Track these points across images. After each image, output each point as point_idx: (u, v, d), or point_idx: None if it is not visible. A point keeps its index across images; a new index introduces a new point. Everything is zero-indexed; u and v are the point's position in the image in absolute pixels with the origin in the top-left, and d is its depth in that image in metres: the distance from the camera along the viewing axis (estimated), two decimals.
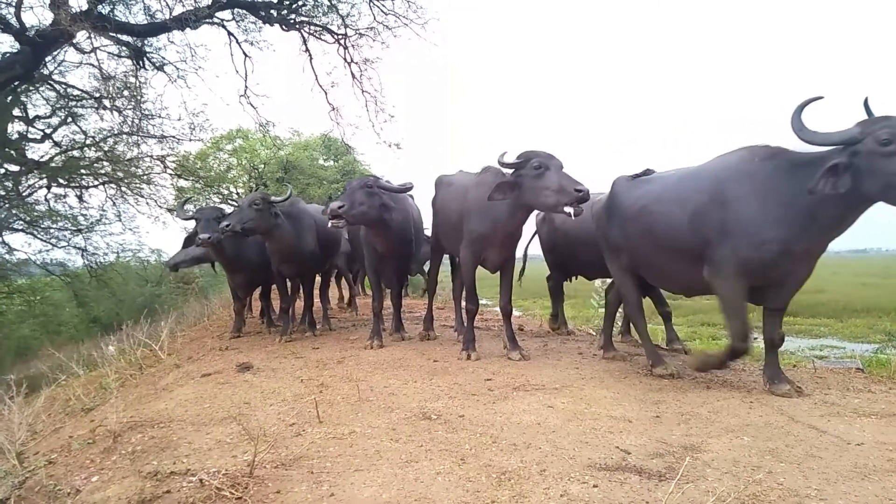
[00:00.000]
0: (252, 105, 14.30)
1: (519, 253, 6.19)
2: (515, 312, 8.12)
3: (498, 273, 5.98)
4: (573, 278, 7.83)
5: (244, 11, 13.05)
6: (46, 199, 14.14)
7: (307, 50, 13.71)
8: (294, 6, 13.22)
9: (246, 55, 13.64)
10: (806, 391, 4.39)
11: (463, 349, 5.81)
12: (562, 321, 7.80)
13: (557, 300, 7.80)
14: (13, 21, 10.79)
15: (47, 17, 10.88)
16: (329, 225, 5.94)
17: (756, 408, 3.96)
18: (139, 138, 13.96)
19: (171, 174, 15.39)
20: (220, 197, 21.91)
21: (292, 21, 13.24)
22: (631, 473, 2.83)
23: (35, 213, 13.85)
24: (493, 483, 2.73)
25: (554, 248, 7.45)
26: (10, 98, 12.45)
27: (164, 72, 13.30)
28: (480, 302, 8.26)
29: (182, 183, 16.54)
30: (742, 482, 2.67)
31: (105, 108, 13.21)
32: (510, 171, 5.17)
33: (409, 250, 6.87)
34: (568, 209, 4.71)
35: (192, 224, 7.30)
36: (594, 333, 7.89)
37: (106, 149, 14.13)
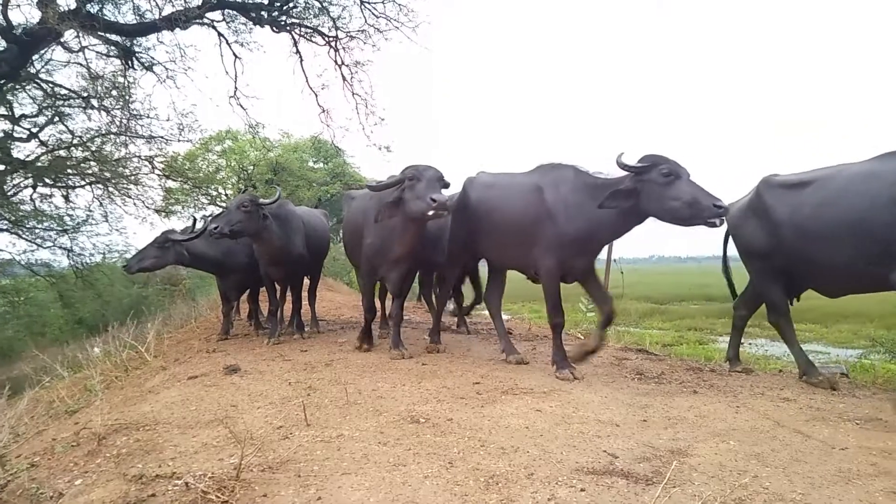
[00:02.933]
0: (242, 106, 14.22)
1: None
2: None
3: (560, 280, 5.51)
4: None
5: (234, 12, 12.98)
6: (32, 199, 13.96)
7: (298, 52, 13.66)
8: (285, 8, 13.16)
9: (236, 56, 13.57)
10: (791, 396, 4.43)
11: (560, 369, 5.16)
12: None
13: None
14: (0, 19, 10.67)
15: (35, 16, 10.78)
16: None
17: (742, 412, 4.00)
18: (127, 138, 13.82)
19: (159, 175, 15.25)
20: (209, 198, 21.77)
21: (283, 22, 13.19)
22: (618, 477, 2.84)
23: (20, 213, 13.67)
24: (480, 487, 2.73)
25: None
26: None
27: (153, 72, 13.19)
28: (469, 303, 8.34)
29: (170, 184, 16.41)
30: (728, 486, 2.69)
31: (93, 107, 13.08)
32: (628, 173, 4.72)
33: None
34: (707, 224, 4.37)
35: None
36: (582, 337, 7.92)
37: (93, 149, 13.96)
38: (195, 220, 7.71)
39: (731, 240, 5.78)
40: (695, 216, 4.39)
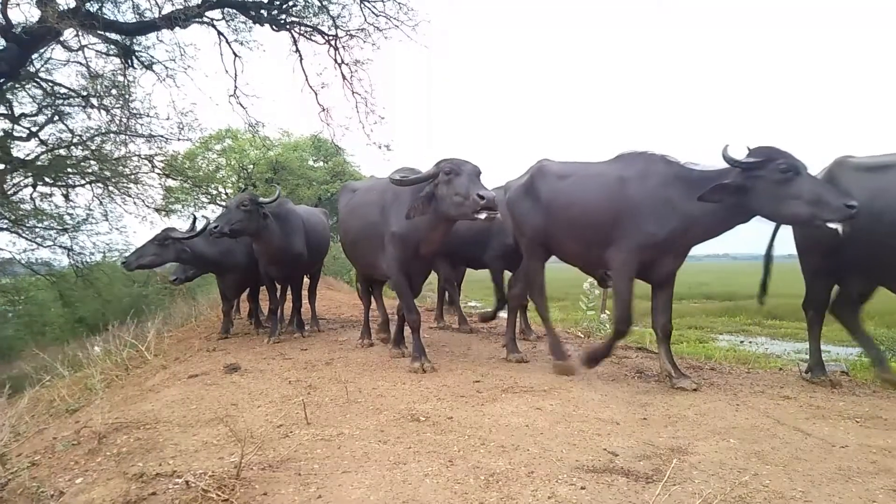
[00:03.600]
0: (241, 105, 14.25)
1: None
2: (501, 314, 8.09)
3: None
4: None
5: (234, 11, 12.99)
6: (32, 198, 13.96)
7: (297, 50, 13.68)
8: (284, 6, 13.17)
9: (236, 55, 13.59)
10: (791, 394, 4.43)
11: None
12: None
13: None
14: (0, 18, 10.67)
15: (34, 15, 10.80)
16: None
17: (742, 410, 4.00)
18: (127, 137, 13.83)
19: (159, 174, 15.25)
20: (209, 197, 21.77)
21: (283, 21, 13.19)
22: (618, 475, 2.84)
23: (20, 212, 13.66)
24: (481, 485, 2.73)
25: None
26: None
27: (153, 71, 13.21)
28: (470, 303, 8.25)
29: (170, 183, 16.41)
30: (728, 484, 2.69)
31: (93, 106, 13.09)
32: (739, 168, 4.26)
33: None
34: (834, 225, 3.91)
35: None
36: (583, 336, 7.93)
37: (93, 148, 13.95)
38: (195, 218, 7.71)
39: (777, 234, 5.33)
40: (817, 217, 3.98)
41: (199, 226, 7.42)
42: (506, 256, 6.88)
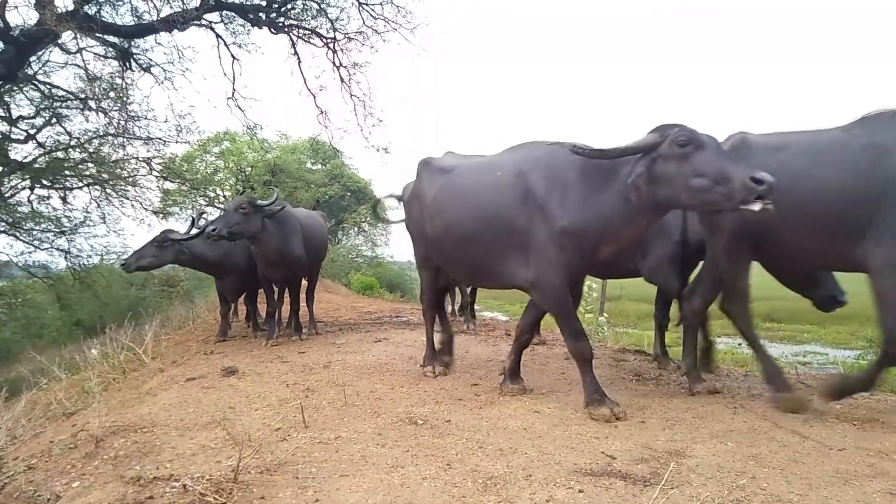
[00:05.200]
0: (240, 108, 14.19)
1: None
2: (501, 317, 8.09)
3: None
4: None
5: (232, 14, 12.97)
6: (29, 201, 13.91)
7: (296, 53, 13.65)
8: (283, 9, 13.17)
9: (234, 57, 13.56)
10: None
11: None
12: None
13: None
14: None
15: (32, 17, 10.75)
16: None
17: (740, 413, 4.00)
18: (125, 140, 13.80)
19: (156, 176, 15.23)
20: (207, 200, 21.75)
21: (281, 24, 13.18)
22: (616, 479, 2.84)
23: (17, 215, 13.63)
24: (479, 488, 2.73)
25: None
26: None
27: (151, 73, 13.17)
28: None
29: (168, 185, 16.39)
30: (726, 487, 2.70)
31: (90, 109, 13.05)
32: None
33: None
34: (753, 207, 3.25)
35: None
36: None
37: (91, 150, 13.94)
38: (194, 220, 7.70)
39: None
40: (728, 198, 3.30)
41: (201, 223, 7.42)
42: (673, 261, 5.26)
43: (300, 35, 13.43)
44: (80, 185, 14.38)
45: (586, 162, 3.81)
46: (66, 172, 14.02)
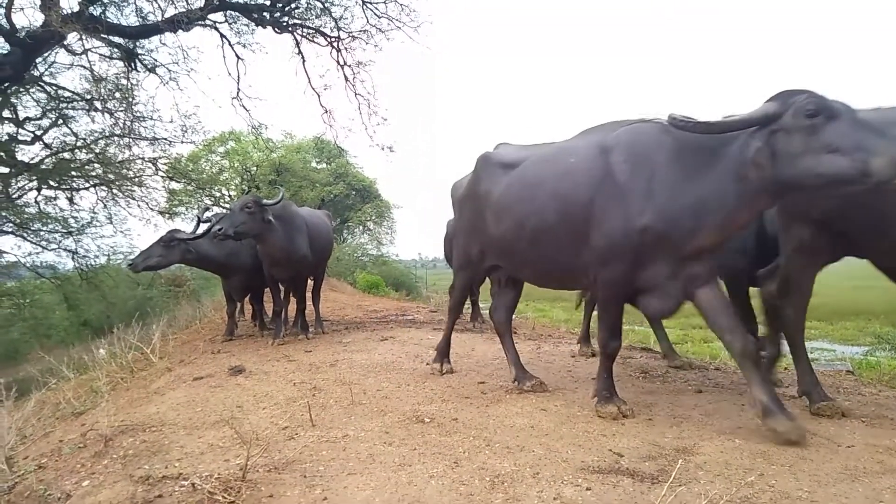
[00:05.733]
0: (244, 107, 14.22)
1: None
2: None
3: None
4: None
5: (237, 14, 12.99)
6: (36, 202, 13.98)
7: (300, 52, 13.66)
8: (287, 9, 13.18)
9: (238, 57, 13.58)
10: (796, 393, 4.41)
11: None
12: None
13: None
14: (3, 22, 10.69)
15: (38, 19, 10.81)
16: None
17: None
18: (130, 140, 13.83)
19: (162, 176, 15.26)
20: (212, 199, 21.83)
21: (285, 23, 13.19)
22: (624, 476, 2.84)
23: (25, 216, 13.70)
24: (486, 486, 2.73)
25: None
26: None
27: (156, 74, 13.20)
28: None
29: (174, 185, 16.44)
30: (734, 485, 2.69)
31: (96, 109, 13.09)
32: None
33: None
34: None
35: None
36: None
37: (97, 151, 13.99)
38: (199, 218, 7.73)
39: None
40: (866, 175, 2.82)
41: (208, 216, 7.45)
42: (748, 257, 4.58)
43: (304, 34, 13.44)
44: (87, 185, 14.43)
45: (680, 141, 3.36)
46: (73, 173, 14.07)
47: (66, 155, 14.05)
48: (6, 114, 12.89)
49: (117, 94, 12.95)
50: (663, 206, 3.38)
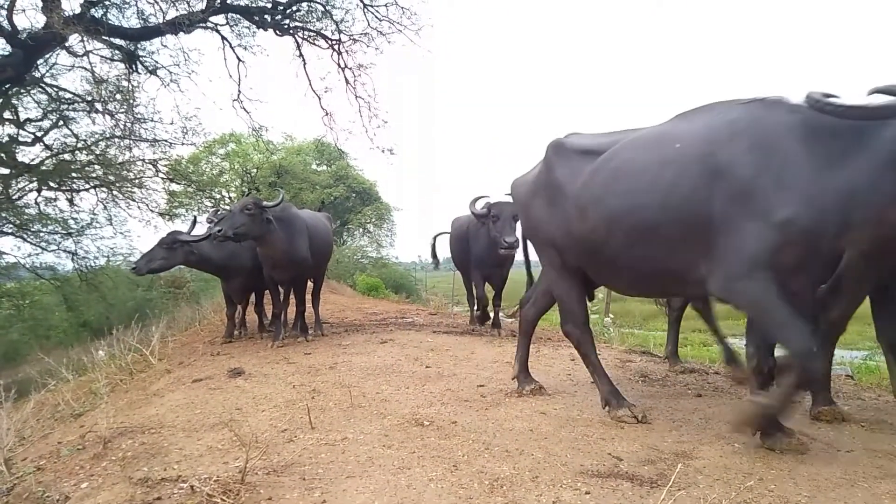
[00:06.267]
0: (245, 109, 14.26)
1: None
2: (505, 319, 8.06)
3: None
4: None
5: (238, 16, 13.04)
6: (37, 203, 14.00)
7: (301, 55, 13.70)
8: (288, 11, 13.21)
9: (239, 59, 13.62)
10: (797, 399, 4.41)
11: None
12: None
13: None
14: (5, 24, 10.71)
15: (39, 20, 10.85)
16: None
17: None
18: (131, 142, 13.84)
19: (162, 178, 15.27)
20: (213, 201, 21.84)
21: (286, 26, 13.23)
22: (623, 480, 2.83)
23: (25, 217, 13.73)
24: (485, 490, 2.73)
25: None
26: (0, 101, 12.37)
27: (157, 76, 13.24)
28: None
29: (174, 187, 16.46)
30: (733, 489, 2.69)
31: (97, 111, 13.11)
32: None
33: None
34: None
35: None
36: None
37: (97, 152, 14.00)
38: (195, 219, 7.75)
39: None
40: None
41: (203, 229, 7.46)
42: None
43: (305, 37, 13.48)
44: (87, 186, 14.45)
45: (812, 122, 2.87)
46: (73, 174, 14.09)
47: (67, 156, 14.07)
48: (7, 115, 12.91)
49: (118, 96, 12.97)
50: (804, 196, 2.84)
